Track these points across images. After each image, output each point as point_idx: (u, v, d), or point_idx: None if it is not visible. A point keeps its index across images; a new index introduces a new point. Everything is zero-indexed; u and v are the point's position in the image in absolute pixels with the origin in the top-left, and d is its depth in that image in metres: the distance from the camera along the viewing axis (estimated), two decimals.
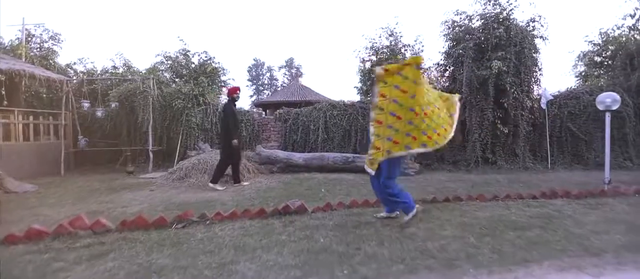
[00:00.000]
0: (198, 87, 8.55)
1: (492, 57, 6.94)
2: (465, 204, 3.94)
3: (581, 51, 9.85)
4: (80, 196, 5.10)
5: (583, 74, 10.24)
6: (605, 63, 9.29)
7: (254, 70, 47.17)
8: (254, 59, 47.19)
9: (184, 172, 6.20)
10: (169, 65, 10.06)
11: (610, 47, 8.95)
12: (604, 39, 9.25)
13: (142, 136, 8.50)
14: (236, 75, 69.83)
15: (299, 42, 70.66)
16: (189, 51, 10.05)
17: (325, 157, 7.09)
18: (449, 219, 3.35)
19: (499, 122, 7.19)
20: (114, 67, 10.70)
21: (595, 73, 9.27)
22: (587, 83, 9.26)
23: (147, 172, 7.47)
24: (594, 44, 9.40)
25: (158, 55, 10.09)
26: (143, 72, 10.01)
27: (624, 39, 8.79)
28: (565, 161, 7.48)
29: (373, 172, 3.22)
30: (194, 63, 10.00)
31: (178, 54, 9.93)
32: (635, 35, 8.74)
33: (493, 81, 6.94)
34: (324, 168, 7.02)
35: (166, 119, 8.39)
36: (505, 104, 7.12)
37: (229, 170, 5.79)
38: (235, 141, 5.52)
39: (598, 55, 9.36)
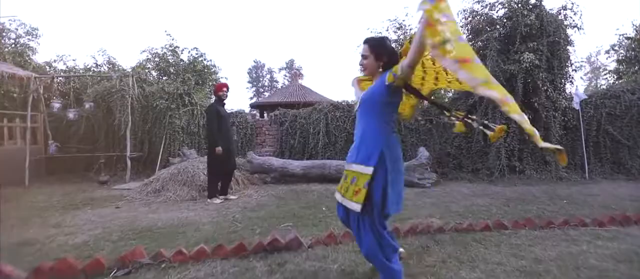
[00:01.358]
0: (184, 86, 7.63)
1: (521, 49, 5.98)
2: (513, 234, 2.96)
3: (611, 46, 8.88)
4: (28, 216, 4.17)
5: (612, 70, 9.25)
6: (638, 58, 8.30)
7: (254, 72, 46.37)
8: (254, 61, 46.52)
9: (161, 184, 5.27)
10: (156, 63, 9.23)
11: None
12: (638, 29, 8.29)
13: (121, 141, 7.57)
14: (236, 77, 69.18)
15: (299, 41, 69.96)
16: (177, 47, 9.20)
17: (326, 166, 6.15)
18: (500, 262, 2.38)
19: None
20: (97, 65, 9.81)
21: (631, 70, 8.29)
22: (621, 81, 8.27)
23: (124, 182, 6.55)
24: (627, 38, 8.43)
25: (144, 51, 9.23)
26: (128, 70, 9.13)
27: None
28: (604, 169, 6.47)
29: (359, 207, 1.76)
30: (183, 60, 9.17)
31: (165, 50, 9.08)
32: None
33: (522, 77, 5.97)
34: (325, 178, 6.07)
35: (148, 122, 7.45)
36: (535, 104, 6.15)
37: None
38: (219, 149, 4.56)
39: (632, 49, 8.38)
